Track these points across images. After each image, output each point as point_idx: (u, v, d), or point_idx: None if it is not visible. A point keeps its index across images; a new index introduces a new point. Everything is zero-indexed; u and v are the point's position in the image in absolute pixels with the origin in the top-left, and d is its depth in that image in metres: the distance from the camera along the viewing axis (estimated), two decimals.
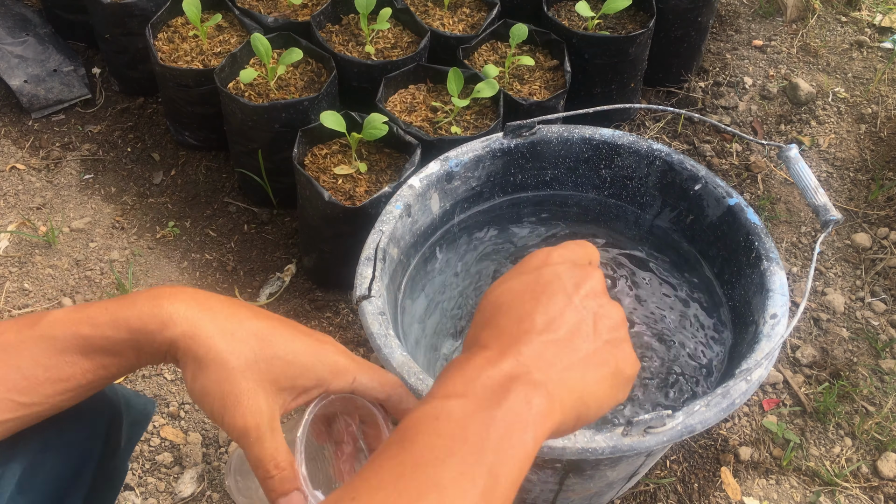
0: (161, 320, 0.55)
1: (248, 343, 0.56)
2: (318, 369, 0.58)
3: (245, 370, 0.55)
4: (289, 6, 1.47)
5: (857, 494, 1.17)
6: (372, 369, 0.61)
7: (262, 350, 0.56)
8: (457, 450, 0.44)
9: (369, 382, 0.60)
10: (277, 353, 0.57)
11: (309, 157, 1.30)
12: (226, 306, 0.57)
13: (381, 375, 0.61)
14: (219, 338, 0.55)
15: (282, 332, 0.58)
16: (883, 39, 1.81)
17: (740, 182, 1.54)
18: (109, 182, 1.53)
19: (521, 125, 1.05)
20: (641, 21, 1.52)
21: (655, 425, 0.77)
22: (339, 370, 0.59)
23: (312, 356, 0.58)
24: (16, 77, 1.59)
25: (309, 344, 0.58)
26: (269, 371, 0.56)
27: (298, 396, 0.58)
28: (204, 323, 0.56)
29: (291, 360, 0.57)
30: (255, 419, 0.55)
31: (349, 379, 0.59)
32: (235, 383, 0.55)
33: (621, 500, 1.15)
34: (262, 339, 0.57)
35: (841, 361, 1.30)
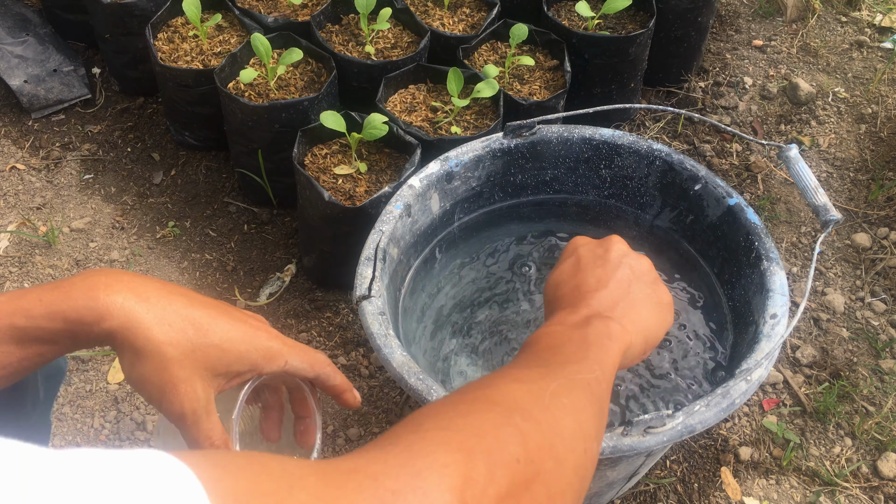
0: (98, 313, 0.56)
1: (185, 332, 0.58)
2: (252, 355, 0.61)
3: (182, 359, 0.58)
4: (289, 6, 1.47)
5: (857, 494, 1.17)
6: (302, 351, 0.65)
7: (198, 339, 0.58)
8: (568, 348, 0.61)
9: (300, 364, 0.64)
10: (213, 342, 0.59)
11: (309, 157, 1.30)
12: (163, 295, 0.59)
13: (311, 356, 0.65)
14: (156, 328, 0.57)
15: (217, 320, 0.60)
16: (883, 39, 1.81)
17: (740, 182, 1.54)
18: (109, 182, 1.53)
19: (521, 125, 1.05)
20: (641, 21, 1.52)
21: (655, 425, 0.77)
22: (272, 355, 0.62)
23: (247, 343, 0.61)
24: (16, 77, 1.59)
25: (244, 331, 0.61)
26: (205, 359, 0.59)
27: (232, 379, 0.61)
28: (141, 314, 0.57)
29: (227, 347, 0.60)
30: (192, 405, 0.58)
31: (281, 363, 0.63)
32: (173, 372, 0.57)
33: (621, 500, 1.15)
34: (199, 327, 0.59)
35: (841, 361, 1.30)
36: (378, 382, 1.27)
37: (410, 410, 1.23)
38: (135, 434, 1.20)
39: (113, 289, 0.57)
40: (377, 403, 1.25)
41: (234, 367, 0.60)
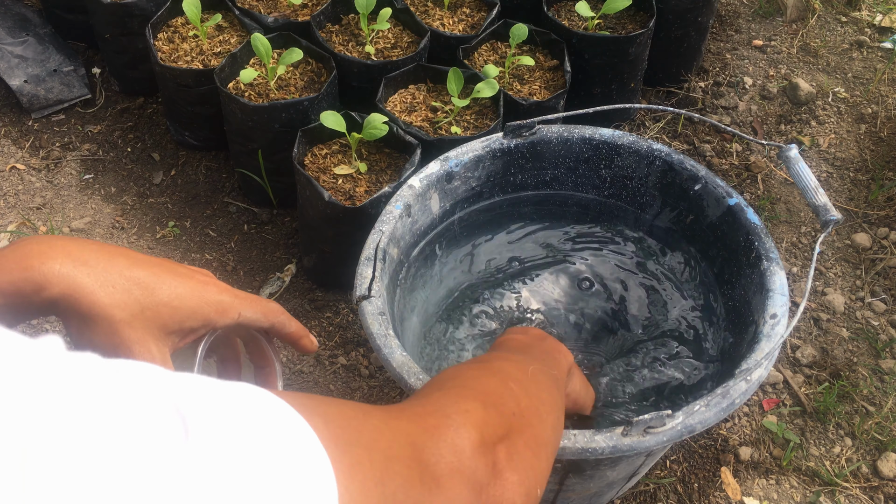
0: (36, 283, 0.54)
1: (131, 293, 0.56)
2: (204, 310, 0.60)
3: (132, 320, 0.56)
4: (289, 6, 1.47)
5: (857, 494, 1.17)
6: (255, 302, 0.64)
7: (146, 298, 0.57)
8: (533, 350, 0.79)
9: (253, 315, 0.64)
10: (162, 300, 0.58)
11: (309, 157, 1.30)
12: (102, 257, 0.57)
13: (264, 306, 0.65)
14: (101, 293, 0.55)
15: (163, 279, 0.59)
16: (883, 39, 1.81)
17: (740, 182, 1.54)
18: (109, 182, 1.53)
19: (521, 125, 1.05)
20: (641, 21, 1.52)
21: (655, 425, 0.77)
22: (225, 308, 0.61)
23: (198, 298, 0.60)
24: (16, 77, 1.59)
25: (192, 287, 0.60)
26: (155, 318, 0.57)
27: (186, 336, 0.60)
28: (82, 279, 0.55)
29: (177, 305, 0.58)
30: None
31: (234, 315, 0.62)
32: (124, 334, 0.56)
33: (621, 500, 1.15)
34: (145, 287, 0.57)
35: (841, 361, 1.30)
36: (378, 382, 1.27)
37: None
38: None
39: (48, 255, 0.54)
40: (377, 403, 1.25)
41: (186, 324, 0.59)
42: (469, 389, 0.57)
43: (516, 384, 0.61)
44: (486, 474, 0.51)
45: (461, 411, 0.52)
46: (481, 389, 0.58)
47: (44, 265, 0.54)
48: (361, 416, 0.45)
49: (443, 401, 0.54)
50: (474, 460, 0.50)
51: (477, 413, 0.53)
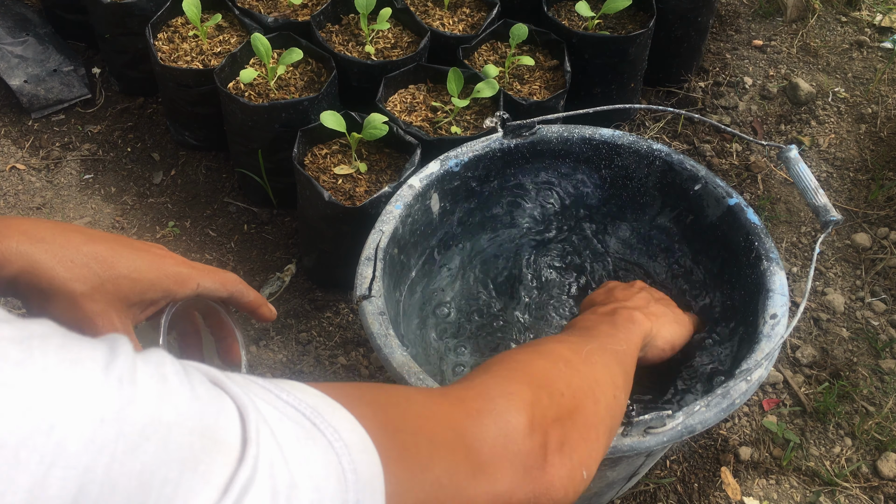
0: None
1: (90, 267, 0.57)
2: (163, 282, 0.61)
3: (92, 293, 0.57)
4: (289, 6, 1.47)
5: (857, 494, 1.17)
6: (212, 272, 0.65)
7: (104, 272, 0.57)
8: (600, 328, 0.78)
9: (212, 285, 0.65)
10: (122, 273, 0.58)
11: (309, 157, 1.30)
12: (58, 234, 0.57)
13: (221, 276, 0.66)
14: (59, 268, 0.56)
15: (121, 253, 0.59)
16: (883, 39, 1.81)
17: (740, 182, 1.54)
18: (109, 182, 1.53)
19: (521, 125, 1.05)
20: (641, 21, 1.52)
21: (655, 425, 0.77)
22: (183, 279, 0.62)
23: (156, 271, 0.61)
24: (16, 77, 1.59)
25: (150, 260, 0.61)
26: (116, 291, 0.58)
27: (147, 308, 0.61)
28: (39, 256, 0.55)
29: (137, 277, 0.59)
30: None
31: (193, 286, 0.63)
32: (86, 308, 0.56)
33: (621, 500, 1.15)
34: (103, 261, 0.58)
35: (841, 361, 1.30)
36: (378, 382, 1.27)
37: None
38: None
39: (4, 234, 0.55)
40: None
41: (147, 295, 0.60)
42: (516, 372, 0.56)
43: (566, 364, 0.60)
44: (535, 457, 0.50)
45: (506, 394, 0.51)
46: (528, 371, 0.57)
47: (1, 244, 0.54)
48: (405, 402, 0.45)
49: (488, 383, 0.53)
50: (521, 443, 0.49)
51: (524, 395, 0.52)
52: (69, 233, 0.58)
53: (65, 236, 0.57)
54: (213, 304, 0.68)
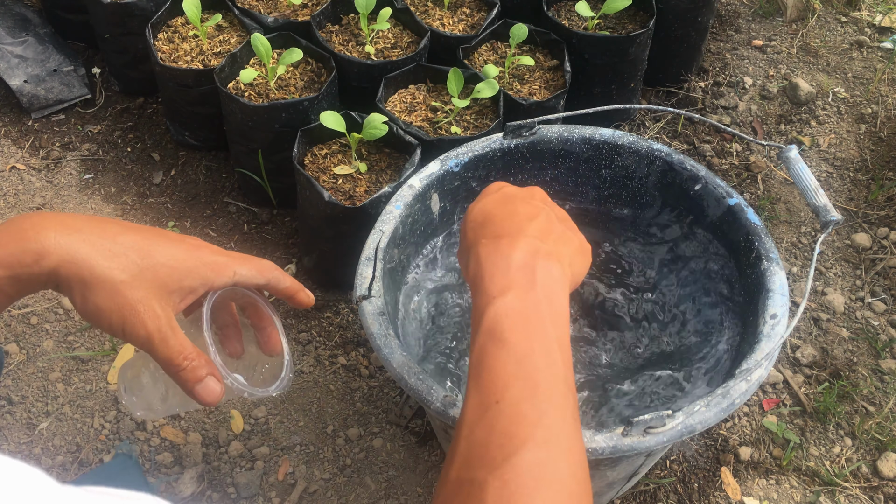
0: (35, 252, 0.55)
1: (129, 256, 0.58)
2: (200, 270, 0.61)
3: (133, 282, 0.58)
4: (289, 6, 1.47)
5: (857, 494, 1.17)
6: (248, 260, 0.65)
7: (143, 261, 0.59)
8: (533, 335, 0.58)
9: (248, 272, 0.65)
10: (160, 261, 0.59)
11: (309, 157, 1.30)
12: (94, 225, 0.59)
13: (257, 264, 0.66)
14: (99, 257, 0.57)
15: (157, 242, 0.61)
16: (883, 39, 1.81)
17: (740, 182, 1.54)
18: (109, 182, 1.53)
19: (521, 125, 1.05)
20: (641, 21, 1.52)
21: (655, 425, 0.77)
22: (220, 267, 0.63)
23: (194, 259, 0.61)
24: (16, 77, 1.59)
25: (186, 249, 0.62)
26: (155, 278, 0.59)
27: (186, 296, 0.61)
28: (79, 246, 0.57)
29: (174, 265, 0.60)
30: (156, 323, 0.58)
31: (230, 273, 0.63)
32: (128, 295, 0.57)
33: (621, 500, 1.15)
34: (141, 250, 0.59)
35: (841, 361, 1.30)
36: (378, 382, 1.27)
37: (410, 410, 1.23)
38: (135, 434, 1.20)
39: (43, 226, 0.56)
40: (377, 403, 1.25)
41: (185, 283, 0.60)
42: None
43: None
44: None
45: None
46: None
47: (40, 235, 0.56)
48: None
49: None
50: None
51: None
52: (105, 224, 0.60)
53: (101, 227, 0.59)
54: (250, 293, 0.69)
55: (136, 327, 0.57)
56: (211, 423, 1.22)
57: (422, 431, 1.22)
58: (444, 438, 1.06)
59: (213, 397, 0.61)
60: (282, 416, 1.23)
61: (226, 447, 1.19)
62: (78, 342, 1.30)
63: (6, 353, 1.28)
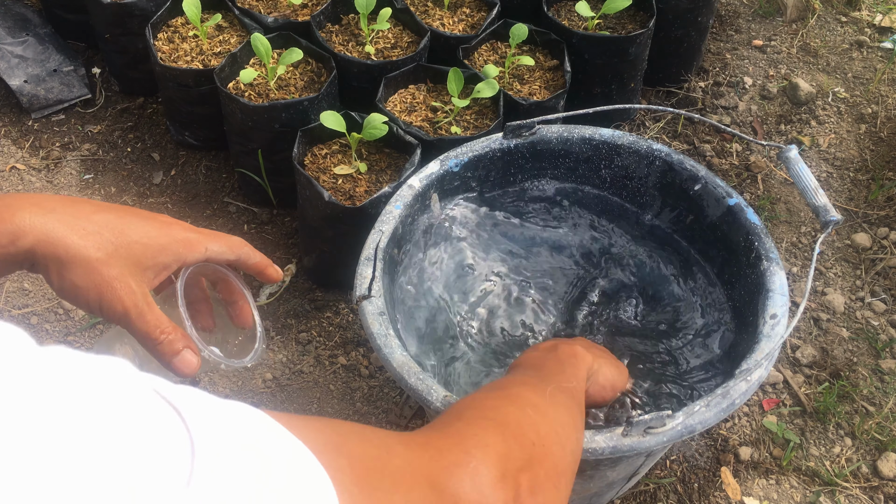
0: (10, 232, 0.57)
1: (103, 235, 0.60)
2: (173, 246, 0.63)
3: (108, 259, 0.59)
4: (289, 6, 1.47)
5: (857, 494, 1.17)
6: (218, 237, 0.67)
7: (117, 238, 0.60)
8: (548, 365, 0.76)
9: (219, 248, 0.67)
10: (133, 239, 0.61)
11: (309, 157, 1.30)
12: (67, 205, 0.60)
13: (227, 240, 0.68)
14: (74, 236, 0.58)
15: (131, 220, 0.62)
16: (883, 39, 1.81)
17: (740, 182, 1.54)
18: (109, 182, 1.53)
19: (520, 125, 1.05)
20: (641, 21, 1.52)
21: (655, 426, 0.77)
22: (192, 243, 0.65)
23: (166, 236, 0.63)
24: (16, 77, 1.59)
25: (159, 227, 0.63)
26: (129, 255, 0.60)
27: (161, 273, 0.63)
28: (53, 225, 0.58)
29: (148, 242, 0.62)
30: (132, 299, 0.60)
31: (202, 249, 0.65)
32: (104, 273, 0.59)
33: (621, 500, 1.15)
34: (115, 229, 0.61)
35: (841, 361, 1.30)
36: (378, 382, 1.27)
37: (410, 410, 1.23)
38: None
39: (16, 207, 0.57)
40: (377, 403, 1.25)
41: (159, 259, 0.62)
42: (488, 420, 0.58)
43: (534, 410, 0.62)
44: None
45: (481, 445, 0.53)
46: (501, 420, 0.59)
47: (14, 216, 0.57)
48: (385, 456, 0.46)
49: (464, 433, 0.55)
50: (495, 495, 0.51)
51: (497, 446, 0.54)
52: (79, 203, 0.61)
53: (75, 206, 0.60)
54: (221, 268, 0.71)
55: (112, 303, 0.59)
56: None
57: None
58: None
59: (189, 369, 0.63)
60: None
61: None
62: (78, 342, 1.30)
63: None
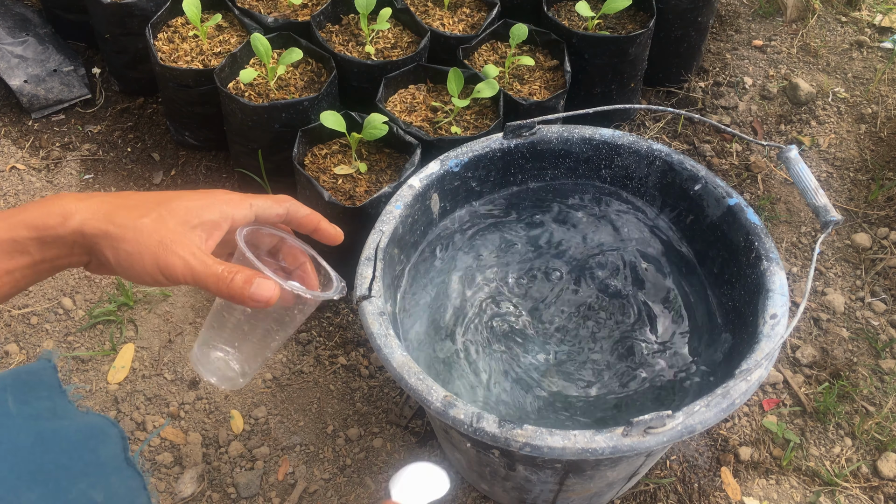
0: (60, 214, 0.59)
1: (146, 206, 0.61)
2: (217, 205, 0.64)
3: (156, 224, 0.60)
4: (289, 6, 1.47)
5: (857, 494, 1.17)
6: (262, 195, 0.67)
7: (161, 206, 0.61)
8: None
9: (265, 203, 0.67)
10: (176, 203, 0.62)
11: (309, 157, 1.30)
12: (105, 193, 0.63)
13: (273, 196, 0.68)
14: (119, 210, 0.60)
15: (170, 192, 0.64)
16: (883, 39, 1.81)
17: (740, 182, 1.54)
18: (109, 182, 1.53)
19: (521, 125, 1.05)
20: (641, 21, 1.52)
21: (655, 425, 0.77)
22: (235, 201, 0.65)
23: (208, 197, 0.64)
24: (16, 77, 1.59)
25: (200, 193, 0.65)
26: (174, 217, 0.61)
27: (211, 232, 0.63)
28: (99, 205, 0.60)
29: (190, 204, 0.62)
30: (189, 249, 0.60)
31: (247, 205, 0.65)
32: (154, 235, 0.59)
33: (621, 500, 1.15)
34: (156, 199, 0.62)
35: (841, 361, 1.30)
36: (378, 382, 1.27)
37: (410, 410, 1.23)
38: (134, 434, 1.20)
39: (63, 196, 0.60)
40: (377, 403, 1.25)
41: (206, 216, 0.62)
42: None
43: None
44: None
45: None
46: None
47: (62, 200, 0.60)
48: None
49: None
50: None
51: None
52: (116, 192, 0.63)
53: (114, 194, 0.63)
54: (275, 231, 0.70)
55: (170, 259, 0.59)
56: (211, 423, 1.22)
57: (422, 431, 1.22)
58: (444, 438, 1.05)
59: (270, 291, 0.61)
60: (282, 416, 1.23)
61: (226, 447, 1.19)
62: (78, 342, 1.30)
63: (6, 353, 1.28)
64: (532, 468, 0.92)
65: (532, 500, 1.03)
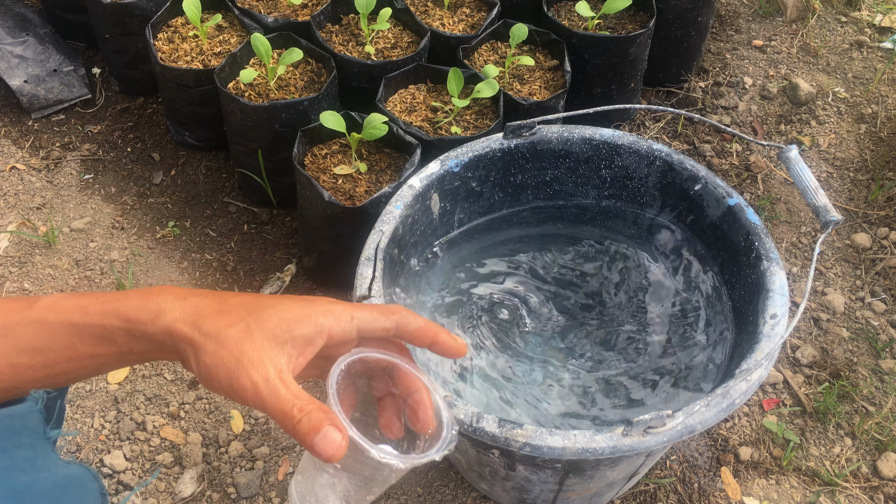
0: (153, 310, 0.57)
1: (237, 313, 0.56)
2: (313, 316, 0.57)
3: (241, 335, 0.55)
4: (289, 6, 1.47)
5: (857, 494, 1.17)
6: (367, 305, 0.60)
7: (251, 315, 0.56)
8: None
9: (370, 315, 0.59)
10: (269, 313, 0.56)
11: (309, 157, 1.30)
12: (209, 292, 0.59)
13: (379, 307, 0.61)
14: (208, 316, 0.56)
15: (269, 299, 0.59)
16: (883, 39, 1.81)
17: (740, 182, 1.54)
18: (109, 182, 1.53)
19: (521, 125, 1.05)
20: (641, 21, 1.52)
21: (655, 425, 0.77)
22: (335, 311, 0.58)
23: (305, 305, 0.57)
24: (16, 77, 1.59)
25: (299, 301, 0.58)
26: (263, 329, 0.55)
27: (303, 349, 0.57)
28: (193, 307, 0.57)
29: (283, 314, 0.56)
30: (262, 373, 0.54)
31: (348, 317, 0.58)
32: (234, 350, 0.54)
33: (621, 500, 1.15)
34: (249, 306, 0.57)
35: (841, 361, 1.30)
36: None
37: None
38: (134, 434, 1.20)
39: (164, 290, 0.58)
40: None
41: (297, 331, 0.56)
42: None
43: None
44: None
45: None
46: None
47: (160, 296, 0.57)
48: None
49: None
50: None
51: None
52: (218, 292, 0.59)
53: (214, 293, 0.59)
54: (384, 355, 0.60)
55: (242, 381, 0.53)
56: (211, 423, 1.22)
57: None
58: None
59: (332, 448, 0.54)
60: None
61: (226, 447, 1.19)
62: None
63: None
64: (532, 468, 0.92)
65: (532, 500, 1.03)
